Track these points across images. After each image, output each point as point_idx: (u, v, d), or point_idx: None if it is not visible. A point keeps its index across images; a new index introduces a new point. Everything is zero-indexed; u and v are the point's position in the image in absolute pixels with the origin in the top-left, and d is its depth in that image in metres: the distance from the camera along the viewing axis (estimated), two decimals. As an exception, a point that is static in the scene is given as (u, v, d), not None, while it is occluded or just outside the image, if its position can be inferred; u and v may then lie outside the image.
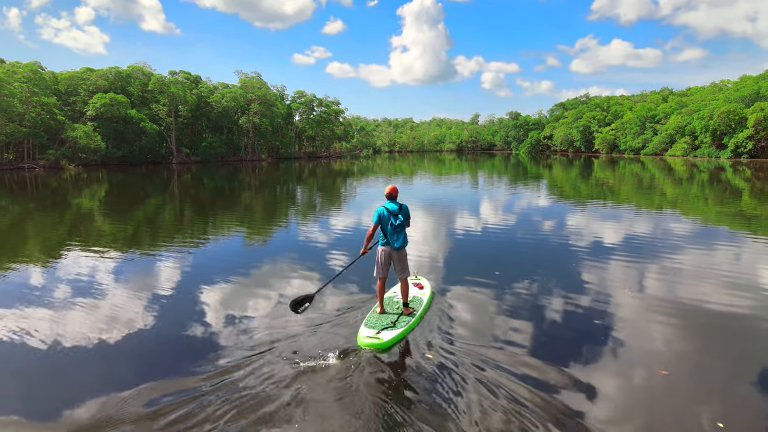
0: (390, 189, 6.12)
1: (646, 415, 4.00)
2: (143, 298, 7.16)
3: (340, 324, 5.92)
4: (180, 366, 4.90)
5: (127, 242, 11.61)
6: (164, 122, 55.44)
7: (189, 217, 16.48)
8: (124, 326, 6.00)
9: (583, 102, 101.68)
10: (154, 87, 54.94)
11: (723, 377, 4.63)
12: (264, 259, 9.87)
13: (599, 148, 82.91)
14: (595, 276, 8.13)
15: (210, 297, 7.15)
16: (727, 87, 69.47)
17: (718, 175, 33.25)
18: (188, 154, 59.09)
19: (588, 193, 23.11)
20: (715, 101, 62.33)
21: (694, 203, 18.82)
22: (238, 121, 63.27)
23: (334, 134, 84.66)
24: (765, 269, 8.61)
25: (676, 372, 4.71)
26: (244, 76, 68.38)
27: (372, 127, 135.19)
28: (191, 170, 44.45)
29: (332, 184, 31.22)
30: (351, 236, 12.28)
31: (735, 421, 3.92)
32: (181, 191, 26.03)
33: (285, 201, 21.38)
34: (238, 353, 5.10)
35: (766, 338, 5.58)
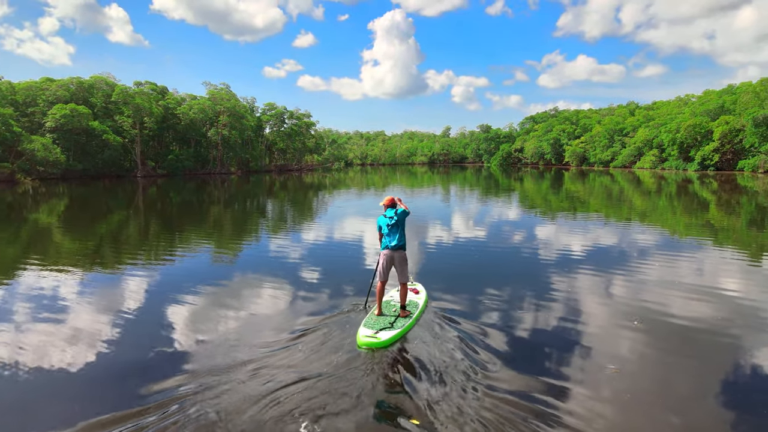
0: (387, 200, 6.58)
1: (611, 418, 4.13)
2: (106, 319, 6.68)
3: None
4: (149, 387, 4.62)
5: (89, 260, 10.92)
6: (129, 134, 53.79)
7: (154, 232, 15.78)
8: (86, 349, 5.63)
9: (552, 115, 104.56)
10: (118, 98, 53.30)
11: (685, 383, 4.77)
12: (233, 275, 9.42)
13: (569, 160, 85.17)
14: (569, 284, 8.08)
15: (180, 315, 6.70)
16: (692, 101, 72.72)
17: (686, 187, 34.32)
18: (154, 168, 57.46)
19: (559, 206, 23.46)
20: (681, 115, 64.96)
21: (662, 215, 19.30)
22: (206, 134, 61.99)
23: (306, 147, 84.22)
24: (729, 278, 8.76)
25: (635, 376, 4.90)
26: (212, 87, 67.40)
27: (344, 140, 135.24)
28: (157, 184, 43.11)
29: (303, 197, 30.77)
30: (322, 250, 11.95)
31: (698, 425, 4.05)
32: (146, 206, 25.08)
33: (255, 215, 20.83)
34: (223, 364, 5.08)
35: (727, 346, 5.63)
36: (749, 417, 4.18)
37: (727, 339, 5.90)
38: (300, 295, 7.79)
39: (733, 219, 17.39)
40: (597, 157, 78.40)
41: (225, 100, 63.60)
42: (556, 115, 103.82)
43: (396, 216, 6.35)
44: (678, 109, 71.67)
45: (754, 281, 8.72)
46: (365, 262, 10.50)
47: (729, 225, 16.04)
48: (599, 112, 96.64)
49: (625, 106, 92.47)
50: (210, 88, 67.40)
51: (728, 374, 5.00)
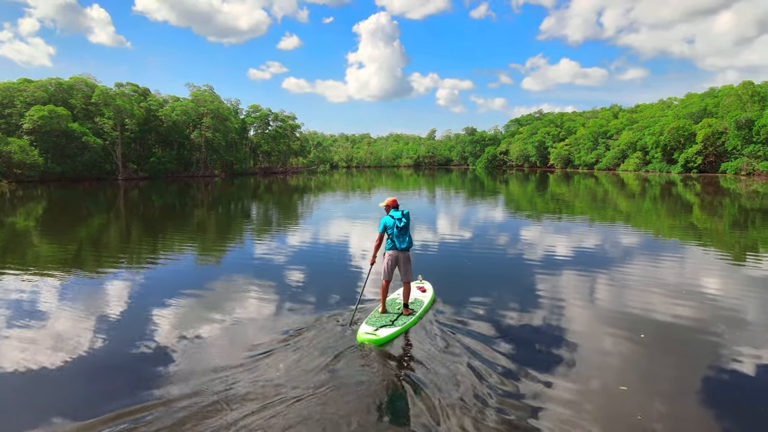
0: (391, 201, 6.68)
1: (597, 416, 4.17)
2: (83, 325, 6.49)
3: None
4: (129, 392, 4.53)
5: (67, 265, 10.61)
6: (109, 136, 52.77)
7: (135, 236, 15.45)
8: (61, 355, 5.48)
9: (537, 118, 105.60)
10: (99, 99, 52.31)
11: (670, 382, 4.85)
12: (218, 278, 9.23)
13: (554, 163, 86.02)
14: (557, 283, 8.11)
15: (160, 321, 6.51)
16: (674, 104, 73.81)
17: (670, 189, 34.81)
18: (135, 170, 56.52)
19: (545, 208, 23.63)
20: (665, 117, 65.71)
21: (647, 217, 19.56)
22: (189, 136, 61.18)
23: (291, 149, 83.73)
24: (712, 279, 8.88)
25: (628, 377, 4.90)
26: (195, 89, 66.57)
27: (329, 142, 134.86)
28: (139, 187, 42.38)
29: (288, 200, 30.51)
30: (308, 253, 11.80)
31: (680, 422, 4.11)
32: (127, 209, 24.59)
33: (239, 219, 20.56)
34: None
35: (710, 345, 5.70)
36: (730, 412, 4.24)
37: (709, 337, 5.98)
38: (282, 303, 7.65)
39: (716, 221, 17.68)
40: (581, 160, 79.23)
41: (208, 102, 62.90)
42: (541, 117, 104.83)
43: (405, 218, 6.47)
44: (661, 111, 72.63)
45: (735, 281, 8.83)
46: (350, 269, 10.40)
47: (712, 227, 16.31)
48: (583, 114, 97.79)
49: (609, 109, 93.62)
50: (193, 89, 66.54)
51: (710, 371, 5.08)
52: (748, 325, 6.47)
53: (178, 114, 59.02)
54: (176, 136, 60.13)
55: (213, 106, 62.72)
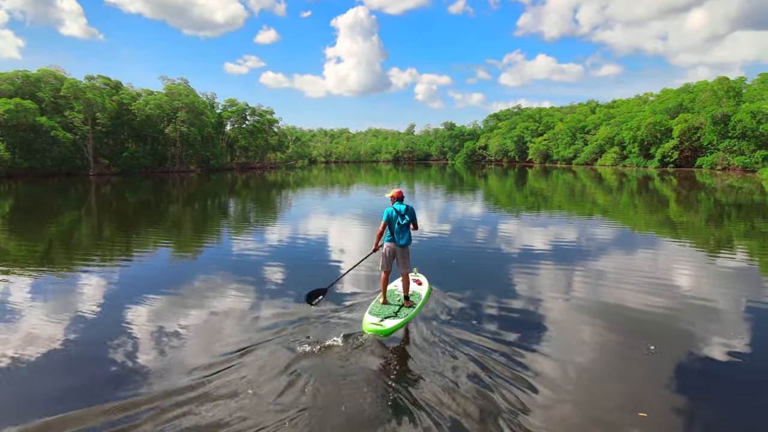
0: (396, 192, 6.76)
1: (571, 403, 4.41)
2: (57, 324, 6.35)
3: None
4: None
5: (37, 263, 10.29)
6: (80, 131, 51.15)
7: (109, 234, 15.05)
8: (37, 354, 5.43)
9: (515, 113, 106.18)
10: (68, 92, 50.58)
11: (644, 369, 5.10)
12: (195, 275, 9.07)
13: (533, 157, 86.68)
14: (538, 276, 8.22)
15: (134, 321, 6.35)
16: (650, 99, 74.84)
17: (647, 184, 35.42)
18: (108, 166, 55.02)
19: (524, 203, 23.91)
20: (641, 113, 66.42)
21: (624, 211, 19.97)
22: (164, 130, 59.83)
23: (268, 144, 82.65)
24: (687, 272, 9.13)
25: (603, 365, 5.24)
26: (169, 82, 65.01)
27: (308, 137, 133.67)
28: (111, 182, 41.29)
29: (267, 196, 30.16)
30: (286, 248, 11.68)
31: (656, 410, 4.27)
32: (100, 206, 23.94)
33: (216, 214, 20.22)
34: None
35: (682, 335, 5.93)
36: (700, 402, 4.40)
37: (681, 327, 6.20)
38: (260, 301, 7.57)
39: (691, 215, 18.15)
40: (560, 155, 79.78)
41: (183, 96, 61.50)
42: (520, 113, 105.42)
43: (408, 215, 6.56)
44: (638, 107, 73.33)
45: (708, 274, 9.09)
46: (331, 265, 10.33)
47: (688, 221, 16.72)
48: (561, 110, 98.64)
49: (586, 104, 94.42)
50: (167, 83, 64.97)
51: (681, 362, 5.26)
52: (720, 315, 6.68)
53: (152, 108, 57.60)
54: (150, 130, 58.66)
55: (188, 100, 61.39)
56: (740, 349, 5.60)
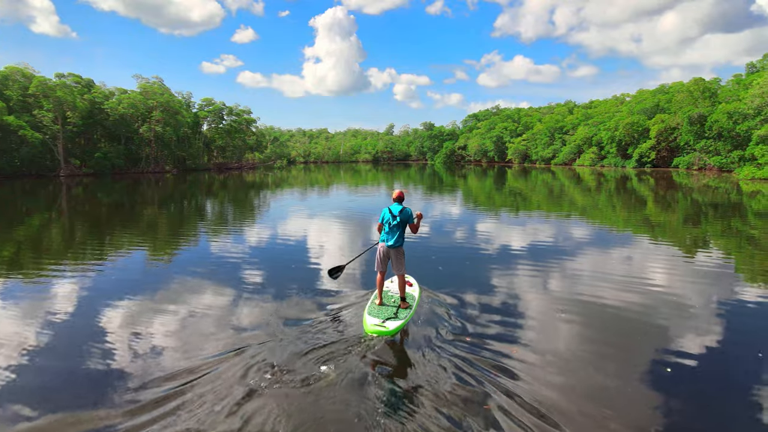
0: (397, 193, 6.79)
1: (546, 398, 4.53)
2: (28, 330, 6.10)
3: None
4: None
5: (5, 267, 9.87)
6: (49, 130, 49.54)
7: (81, 236, 14.60)
8: (5, 361, 5.24)
9: (494, 113, 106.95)
10: (37, 91, 48.98)
11: (616, 366, 5.27)
12: (171, 279, 8.86)
13: (512, 158, 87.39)
14: (522, 275, 8.28)
15: (106, 327, 6.14)
16: (627, 100, 75.61)
17: (625, 183, 36.01)
18: (79, 166, 53.46)
19: (502, 203, 24.14)
20: (619, 113, 67.27)
21: (603, 211, 20.34)
22: (138, 130, 58.44)
23: (246, 144, 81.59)
24: (663, 270, 9.34)
25: (576, 358, 5.46)
26: (143, 81, 63.59)
27: (286, 137, 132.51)
28: (83, 184, 40.13)
29: (245, 197, 29.75)
30: (265, 248, 11.52)
31: (624, 408, 4.41)
32: (71, 207, 23.22)
33: (192, 216, 19.83)
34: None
35: (656, 332, 6.08)
36: (672, 398, 4.56)
37: (657, 323, 6.35)
38: (241, 305, 7.44)
39: (669, 215, 18.55)
40: (539, 155, 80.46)
41: (158, 95, 60.21)
42: (499, 113, 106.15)
43: (400, 217, 6.56)
44: (615, 107, 74.20)
45: (682, 272, 9.31)
46: (312, 267, 10.23)
47: (665, 220, 17.08)
48: (540, 110, 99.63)
49: (564, 105, 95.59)
50: (141, 81, 63.53)
51: (654, 357, 5.44)
52: (693, 312, 6.84)
53: (125, 107, 56.24)
54: (124, 130, 57.26)
55: (163, 99, 60.13)
56: (708, 342, 5.81)
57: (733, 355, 5.54)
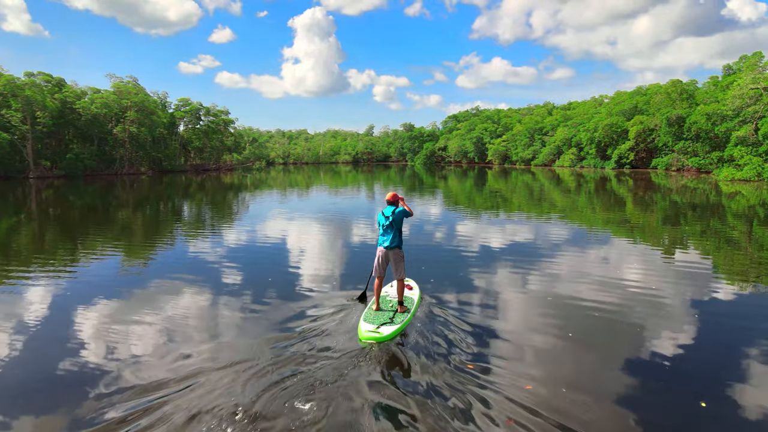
0: (391, 195, 6.68)
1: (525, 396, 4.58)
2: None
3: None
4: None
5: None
6: (18, 131, 47.87)
7: (51, 240, 14.04)
8: None
9: (474, 114, 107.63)
10: (4, 90, 47.29)
11: (594, 363, 5.41)
12: (145, 284, 8.53)
13: (492, 159, 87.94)
14: (512, 275, 8.24)
15: (79, 334, 5.83)
16: (605, 102, 76.49)
17: (604, 184, 36.37)
18: (50, 168, 51.83)
19: (483, 204, 24.23)
20: (598, 115, 67.92)
21: (582, 212, 20.56)
22: (111, 131, 56.97)
23: (224, 145, 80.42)
24: (643, 269, 9.46)
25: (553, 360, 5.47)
26: (117, 80, 62.06)
27: (265, 138, 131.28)
28: (54, 186, 38.87)
29: (222, 199, 29.22)
30: (244, 251, 11.25)
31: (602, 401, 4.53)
32: (41, 210, 22.40)
33: (169, 219, 19.33)
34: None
35: (631, 329, 6.15)
36: (646, 393, 4.66)
37: (632, 321, 6.41)
38: (222, 311, 7.21)
39: (648, 215, 18.81)
40: (519, 156, 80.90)
41: (132, 94, 58.84)
42: (478, 114, 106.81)
43: (392, 216, 6.46)
44: (593, 109, 75.01)
45: (659, 271, 9.42)
46: (291, 271, 10.01)
47: (645, 221, 17.31)
48: (519, 111, 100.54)
49: (543, 106, 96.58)
50: (115, 80, 61.99)
51: (630, 354, 5.61)
52: (669, 311, 6.90)
53: (98, 107, 54.79)
54: (96, 130, 55.74)
55: (137, 99, 58.80)
56: (679, 338, 5.93)
57: (707, 353, 5.63)
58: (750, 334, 6.21)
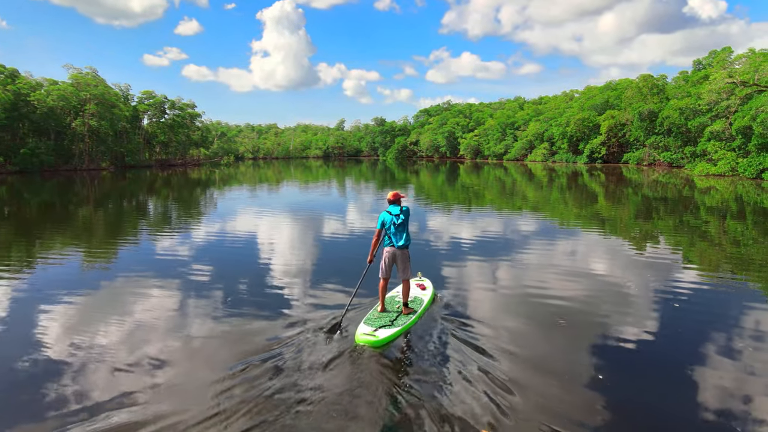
0: (392, 194, 6.49)
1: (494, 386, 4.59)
2: None
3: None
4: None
5: None
6: (-33, 124, 45.21)
7: (4, 239, 13.17)
8: None
9: (446, 108, 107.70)
10: (-49, 81, 44.53)
11: (560, 352, 5.51)
12: (113, 281, 8.05)
13: (464, 153, 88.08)
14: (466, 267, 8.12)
15: (40, 335, 5.38)
16: (576, 96, 77.10)
17: (576, 179, 36.67)
18: (3, 163, 49.15)
19: (455, 198, 24.26)
20: (570, 109, 68.28)
21: (554, 206, 20.79)
22: (70, 124, 54.42)
23: (190, 140, 78.12)
24: (612, 262, 9.56)
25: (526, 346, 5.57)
26: (76, 71, 59.27)
27: (234, 132, 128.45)
28: (7, 182, 36.85)
29: (189, 196, 28.31)
30: (212, 247, 10.82)
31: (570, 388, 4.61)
32: (-9, 209, 21.12)
33: (132, 216, 18.52)
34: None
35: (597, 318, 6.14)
36: (611, 378, 4.82)
37: (598, 311, 6.46)
38: (195, 315, 6.83)
39: (619, 210, 19.08)
40: (491, 150, 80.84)
41: (91, 86, 56.27)
42: (450, 108, 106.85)
43: (403, 215, 6.28)
44: (565, 103, 75.58)
45: (625, 264, 9.54)
46: (261, 268, 9.67)
47: (615, 215, 17.55)
48: (491, 105, 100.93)
49: (514, 101, 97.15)
50: (73, 72, 59.17)
51: (596, 342, 5.74)
52: (636, 302, 6.95)
53: (55, 99, 52.20)
54: (53, 124, 53.11)
55: (97, 91, 56.28)
56: (644, 327, 6.09)
57: (671, 341, 5.79)
58: (711, 322, 6.36)
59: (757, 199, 21.46)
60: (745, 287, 8.03)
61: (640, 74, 55.58)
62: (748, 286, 8.12)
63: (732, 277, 8.74)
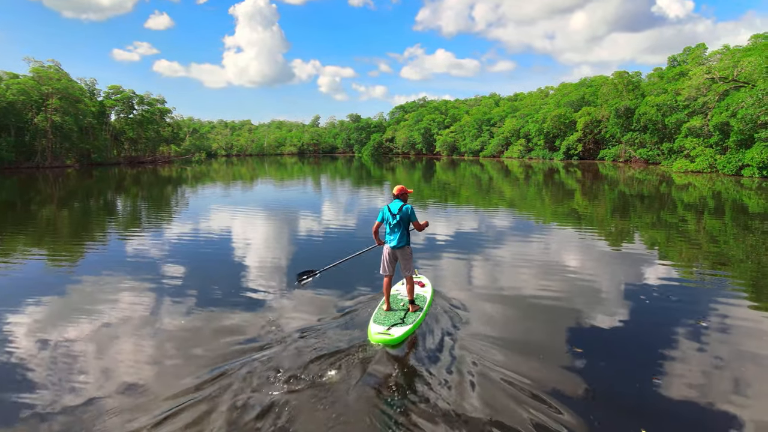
0: (398, 189, 6.32)
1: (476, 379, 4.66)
2: None
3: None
4: None
5: None
6: None
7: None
8: None
9: (422, 105, 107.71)
10: None
11: (536, 343, 5.65)
12: (78, 284, 7.56)
13: (440, 150, 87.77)
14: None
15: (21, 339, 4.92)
16: (551, 93, 76.96)
17: (552, 176, 36.69)
18: (-41, 161, 46.76)
19: (431, 194, 24.15)
20: (546, 106, 68.05)
21: (531, 203, 20.84)
22: (32, 120, 52.14)
23: (161, 136, 76.12)
24: (588, 258, 9.55)
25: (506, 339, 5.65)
26: (37, 65, 56.79)
27: (206, 129, 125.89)
28: (-37, 181, 35.01)
29: (160, 194, 27.39)
30: (183, 247, 10.36)
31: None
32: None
33: (98, 217, 17.71)
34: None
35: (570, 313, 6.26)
36: (587, 370, 4.89)
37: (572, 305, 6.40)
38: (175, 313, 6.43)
39: (595, 206, 19.17)
40: (467, 147, 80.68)
41: (54, 80, 54.05)
42: (426, 105, 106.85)
43: (399, 215, 6.14)
44: (541, 100, 75.76)
45: (598, 259, 9.55)
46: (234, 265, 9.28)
47: (592, 212, 17.62)
48: (467, 102, 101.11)
49: (490, 97, 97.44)
50: (34, 65, 56.66)
51: (570, 335, 5.83)
52: (610, 296, 6.93)
53: (15, 93, 49.92)
54: (13, 119, 50.78)
55: (60, 85, 54.06)
56: (618, 315, 6.14)
57: (645, 331, 5.97)
58: (680, 313, 6.44)
59: (736, 196, 21.66)
60: (723, 282, 8.10)
61: (615, 71, 55.73)
62: (725, 281, 8.19)
63: (711, 272, 8.82)
